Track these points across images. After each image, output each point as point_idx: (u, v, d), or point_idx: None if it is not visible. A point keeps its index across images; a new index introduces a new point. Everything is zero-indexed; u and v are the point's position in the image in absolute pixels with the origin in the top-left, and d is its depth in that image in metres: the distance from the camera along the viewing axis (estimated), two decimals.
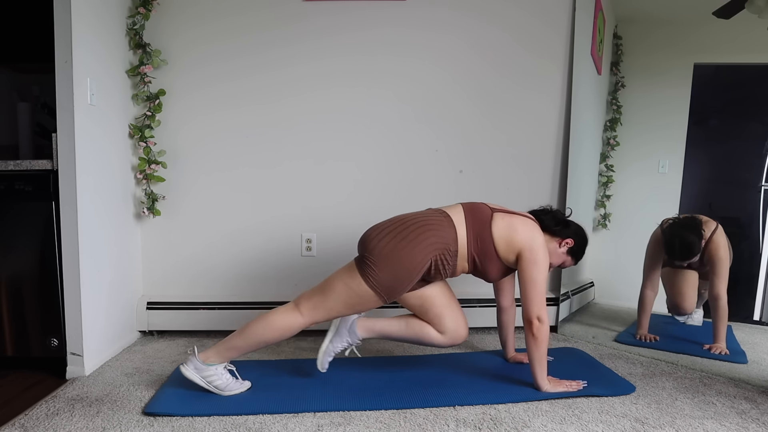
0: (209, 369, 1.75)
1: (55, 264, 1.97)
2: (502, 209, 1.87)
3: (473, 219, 1.82)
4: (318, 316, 1.77)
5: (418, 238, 1.74)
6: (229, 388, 1.78)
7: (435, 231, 1.76)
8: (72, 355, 1.98)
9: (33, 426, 1.57)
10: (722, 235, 2.33)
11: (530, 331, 1.79)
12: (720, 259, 2.30)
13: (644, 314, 2.48)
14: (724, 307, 2.28)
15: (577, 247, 1.96)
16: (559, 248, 1.94)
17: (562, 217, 1.97)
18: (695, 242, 2.32)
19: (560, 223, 1.94)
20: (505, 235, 1.80)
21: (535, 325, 1.78)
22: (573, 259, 1.99)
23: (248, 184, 2.55)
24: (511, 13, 2.56)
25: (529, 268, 1.79)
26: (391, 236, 1.75)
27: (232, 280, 2.58)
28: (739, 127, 2.66)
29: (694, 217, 2.38)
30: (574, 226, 1.97)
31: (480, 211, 1.84)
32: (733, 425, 1.63)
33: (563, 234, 1.93)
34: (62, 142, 1.91)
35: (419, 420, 1.64)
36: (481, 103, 2.60)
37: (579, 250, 1.98)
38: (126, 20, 2.33)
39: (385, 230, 1.78)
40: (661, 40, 2.71)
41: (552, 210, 1.98)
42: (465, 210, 1.84)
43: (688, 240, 2.33)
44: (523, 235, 1.80)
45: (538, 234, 1.83)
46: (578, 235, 1.96)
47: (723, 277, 2.29)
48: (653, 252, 2.49)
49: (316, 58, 2.52)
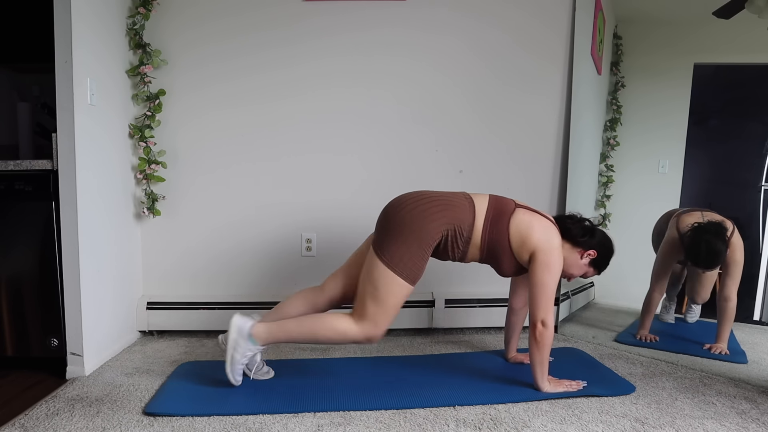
0: (247, 342, 1.75)
1: (55, 264, 1.97)
2: (527, 206, 1.87)
3: (495, 210, 1.81)
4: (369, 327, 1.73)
5: (434, 213, 1.74)
6: (235, 372, 1.77)
7: (452, 210, 1.76)
8: (72, 355, 1.98)
9: (33, 426, 1.57)
10: (738, 238, 2.26)
11: (533, 335, 1.79)
12: (736, 261, 2.25)
13: (648, 315, 2.47)
14: (733, 309, 2.26)
15: (601, 258, 1.92)
16: (581, 259, 1.90)
17: (589, 226, 1.91)
18: (722, 251, 2.21)
19: (586, 233, 1.89)
20: (522, 231, 1.79)
21: (539, 329, 1.78)
22: (596, 270, 1.95)
23: (248, 184, 2.55)
24: (511, 13, 2.56)
25: (540, 271, 1.77)
26: (407, 210, 1.75)
27: (232, 280, 2.58)
28: (739, 127, 2.66)
29: (719, 223, 2.24)
30: (599, 237, 1.92)
31: (504, 204, 1.84)
32: (733, 425, 1.63)
33: (586, 245, 1.89)
34: (62, 142, 1.91)
35: (419, 420, 1.64)
36: (481, 103, 2.60)
37: (603, 261, 1.93)
38: (126, 20, 2.33)
39: (404, 204, 1.78)
40: (661, 40, 2.71)
41: (580, 218, 1.93)
42: (491, 201, 1.84)
43: (716, 248, 2.19)
44: (539, 236, 1.78)
45: (555, 237, 1.81)
46: (603, 245, 1.91)
47: (736, 279, 2.26)
48: (668, 255, 2.39)
49: (316, 58, 2.52)
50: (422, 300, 2.58)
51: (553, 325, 1.79)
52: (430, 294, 2.60)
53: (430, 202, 1.77)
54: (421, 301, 2.58)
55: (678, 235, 2.32)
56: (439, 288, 2.62)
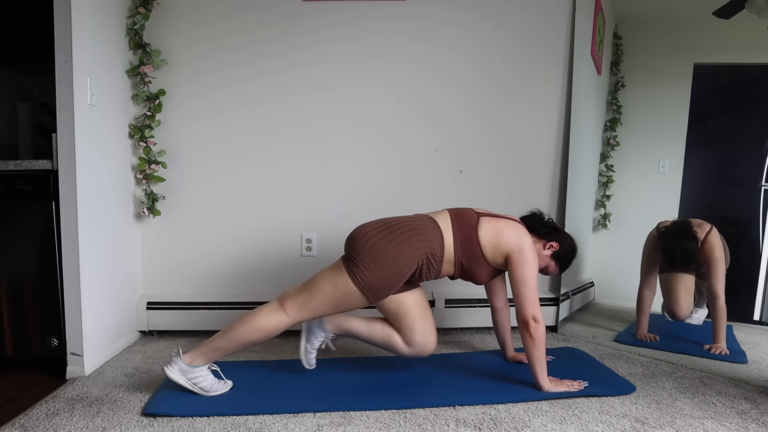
0: (194, 371, 1.75)
1: (55, 264, 1.97)
2: (488, 213, 1.89)
3: (459, 225, 1.83)
4: (303, 316, 1.77)
5: (407, 241, 1.75)
6: (214, 389, 1.78)
7: (423, 236, 1.78)
8: (72, 355, 1.98)
9: (33, 426, 1.57)
10: (717, 236, 2.35)
11: (527, 332, 1.79)
12: (715, 259, 2.31)
13: (643, 314, 2.49)
14: (722, 306, 2.29)
15: (563, 253, 1.96)
16: (544, 250, 1.95)
17: (552, 223, 1.99)
18: (694, 248, 2.35)
19: (546, 225, 1.96)
20: (492, 239, 1.81)
21: (531, 325, 1.78)
22: (557, 266, 1.99)
23: (248, 184, 2.55)
24: (512, 12, 2.56)
25: (519, 270, 1.80)
26: (380, 236, 1.75)
27: (232, 280, 2.58)
28: (739, 127, 2.66)
29: (683, 221, 2.42)
30: (561, 233, 1.99)
31: (466, 217, 1.85)
32: (733, 425, 1.63)
33: (549, 237, 1.95)
34: (62, 142, 1.91)
35: (419, 420, 1.64)
36: (481, 102, 2.60)
37: (565, 256, 1.98)
38: (126, 20, 2.33)
39: (374, 230, 1.78)
40: (661, 40, 2.71)
41: (541, 213, 2.00)
42: (452, 216, 1.86)
43: (688, 248, 2.36)
44: (510, 238, 1.81)
45: (524, 235, 1.84)
46: (564, 241, 1.97)
47: (720, 277, 2.30)
48: (649, 253, 2.50)
49: (317, 59, 2.52)
50: None
51: (543, 319, 1.81)
52: (430, 294, 2.60)
53: (399, 229, 1.77)
54: None
55: (656, 233, 2.47)
56: (439, 288, 2.62)
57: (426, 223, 1.82)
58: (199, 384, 1.76)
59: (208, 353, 1.77)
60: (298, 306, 1.76)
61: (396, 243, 1.74)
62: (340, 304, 1.76)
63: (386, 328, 1.89)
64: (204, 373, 1.76)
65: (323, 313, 1.79)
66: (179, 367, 1.75)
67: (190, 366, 1.75)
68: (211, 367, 1.80)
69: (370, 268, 1.72)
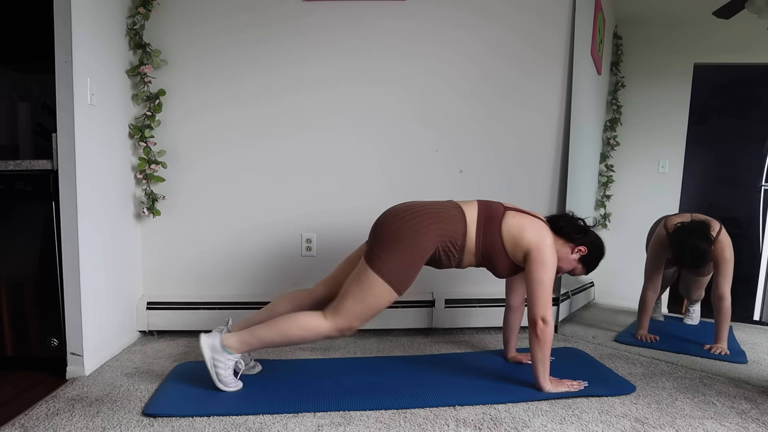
0: (224, 354, 1.76)
1: (55, 264, 1.97)
2: (515, 208, 1.89)
3: (485, 216, 1.83)
4: (341, 321, 1.75)
5: (424, 224, 1.75)
6: (226, 383, 1.78)
7: (443, 221, 1.78)
8: (72, 355, 1.98)
9: (33, 426, 1.57)
10: (726, 236, 2.29)
11: (534, 332, 1.79)
12: (725, 259, 2.27)
13: (645, 315, 2.48)
14: (727, 307, 2.27)
15: (591, 257, 1.93)
16: (571, 254, 1.91)
17: (582, 225, 1.94)
18: (707, 251, 2.25)
19: (579, 231, 1.91)
20: (514, 233, 1.81)
21: (540, 326, 1.78)
22: (584, 268, 1.97)
23: (248, 184, 2.55)
24: (512, 12, 2.56)
25: (536, 269, 1.79)
26: (399, 222, 1.77)
27: (232, 280, 2.58)
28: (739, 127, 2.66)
29: (703, 222, 2.29)
30: (592, 236, 1.94)
31: (493, 209, 1.86)
32: (733, 425, 1.63)
33: (578, 241, 1.91)
34: (62, 142, 1.91)
35: (419, 420, 1.63)
36: (481, 102, 2.60)
37: (592, 259, 1.95)
38: (126, 20, 2.33)
39: (394, 217, 1.79)
40: (661, 40, 2.71)
41: (573, 216, 1.96)
42: (480, 207, 1.85)
43: (701, 249, 2.24)
44: (532, 235, 1.80)
45: (546, 235, 1.83)
46: (594, 244, 1.93)
47: (728, 278, 2.27)
48: (656, 253, 2.44)
49: (317, 58, 2.52)
50: (422, 300, 2.58)
51: (553, 321, 1.80)
52: (430, 294, 2.60)
53: (420, 214, 1.78)
54: (421, 301, 2.58)
55: (665, 233, 2.37)
56: (439, 288, 2.62)
57: (451, 210, 1.82)
58: (218, 369, 1.76)
59: (247, 339, 1.77)
60: (334, 310, 1.77)
61: (412, 225, 1.75)
62: (370, 301, 1.74)
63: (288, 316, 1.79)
64: (230, 363, 1.77)
65: (359, 314, 1.75)
66: (214, 342, 1.75)
67: (224, 348, 1.75)
68: (238, 361, 1.80)
69: (387, 254, 1.72)
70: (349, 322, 1.76)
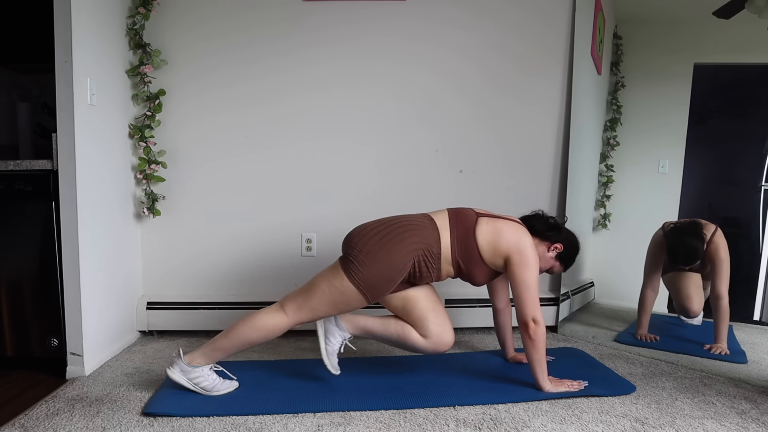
0: (195, 371, 1.75)
1: (55, 264, 1.97)
2: (487, 214, 1.88)
3: (458, 224, 1.82)
4: (302, 317, 1.77)
5: (401, 236, 1.75)
6: (216, 389, 1.78)
7: (418, 232, 1.78)
8: (72, 355, 1.98)
9: (33, 426, 1.57)
10: (721, 237, 2.35)
11: (527, 334, 1.79)
12: (721, 260, 2.32)
13: (644, 314, 2.49)
14: (725, 307, 2.29)
15: (567, 253, 1.96)
16: (548, 252, 1.93)
17: (554, 223, 1.96)
18: (698, 247, 2.35)
19: (552, 228, 1.94)
20: (490, 240, 1.80)
21: (531, 327, 1.77)
22: (562, 265, 1.99)
23: (248, 184, 2.55)
24: (512, 12, 2.56)
25: (519, 271, 1.78)
26: (374, 233, 1.76)
27: (232, 280, 2.58)
28: (739, 127, 2.66)
29: (694, 221, 2.41)
30: (565, 232, 1.97)
31: (465, 216, 1.85)
32: (733, 425, 1.63)
33: (553, 238, 1.93)
34: (62, 142, 1.91)
35: (419, 420, 1.63)
36: (481, 102, 2.60)
37: (569, 255, 1.97)
38: (126, 20, 2.33)
39: (369, 229, 1.79)
40: (661, 40, 2.71)
41: (543, 215, 1.97)
42: (450, 215, 1.85)
43: (692, 245, 2.36)
44: (509, 239, 1.79)
45: (525, 236, 1.82)
46: (569, 240, 1.96)
47: (724, 278, 2.31)
48: (654, 254, 2.50)
49: (317, 58, 2.52)
50: None
51: (543, 321, 1.79)
52: None
53: (394, 226, 1.78)
54: None
55: (662, 233, 2.47)
56: (439, 288, 2.61)
57: (422, 221, 1.82)
58: (200, 384, 1.76)
59: (210, 353, 1.77)
60: (297, 306, 1.76)
61: (389, 239, 1.74)
62: (338, 303, 1.76)
63: (400, 323, 1.86)
64: (205, 373, 1.76)
65: (322, 313, 1.78)
66: (180, 368, 1.75)
67: (190, 366, 1.75)
68: (214, 368, 1.80)
69: (364, 265, 1.72)
70: (311, 317, 1.78)
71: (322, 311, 1.78)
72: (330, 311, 1.78)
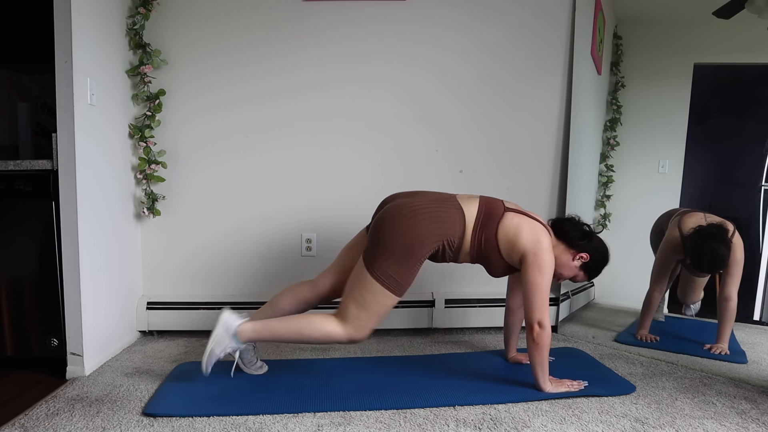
0: (230, 339, 1.78)
1: (55, 264, 1.97)
2: (516, 209, 1.85)
3: (485, 215, 1.81)
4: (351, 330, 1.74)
5: (424, 230, 1.74)
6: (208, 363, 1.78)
7: (442, 224, 1.76)
8: (72, 355, 1.98)
9: (33, 426, 1.57)
10: (739, 238, 2.26)
11: (531, 336, 1.78)
12: (736, 261, 2.24)
13: (648, 315, 2.47)
14: (733, 308, 2.26)
15: (593, 263, 1.90)
16: (573, 261, 1.89)
17: (587, 230, 1.90)
18: (726, 256, 2.19)
19: (584, 236, 1.88)
20: (510, 235, 1.79)
21: (536, 330, 1.77)
22: (586, 275, 1.93)
23: (248, 184, 2.55)
24: (511, 13, 2.56)
25: (531, 272, 1.76)
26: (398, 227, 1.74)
27: (232, 280, 2.58)
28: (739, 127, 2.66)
29: (721, 225, 2.23)
30: (595, 242, 1.90)
31: (494, 208, 1.83)
32: (733, 425, 1.63)
33: (581, 248, 1.88)
34: (62, 142, 1.91)
35: (419, 420, 1.64)
36: (481, 102, 2.60)
37: (595, 266, 1.91)
38: (126, 20, 2.33)
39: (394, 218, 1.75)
40: (661, 40, 2.71)
41: (579, 221, 1.92)
42: (480, 206, 1.82)
43: (720, 254, 2.18)
44: (527, 238, 1.77)
45: (544, 238, 1.79)
46: (597, 251, 1.89)
47: (736, 279, 2.25)
48: (667, 255, 2.38)
49: (317, 58, 2.52)
50: (422, 300, 2.58)
51: (549, 325, 1.78)
52: (430, 294, 2.60)
53: (420, 216, 1.75)
54: (421, 301, 2.58)
55: (680, 236, 2.32)
56: (439, 288, 2.62)
57: (451, 211, 1.78)
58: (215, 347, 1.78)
59: (260, 329, 1.79)
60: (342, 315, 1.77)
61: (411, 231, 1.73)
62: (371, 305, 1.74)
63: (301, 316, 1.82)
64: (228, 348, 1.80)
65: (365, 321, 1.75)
66: (229, 323, 1.78)
67: (234, 334, 1.78)
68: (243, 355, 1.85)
69: (384, 259, 1.72)
70: (359, 329, 1.75)
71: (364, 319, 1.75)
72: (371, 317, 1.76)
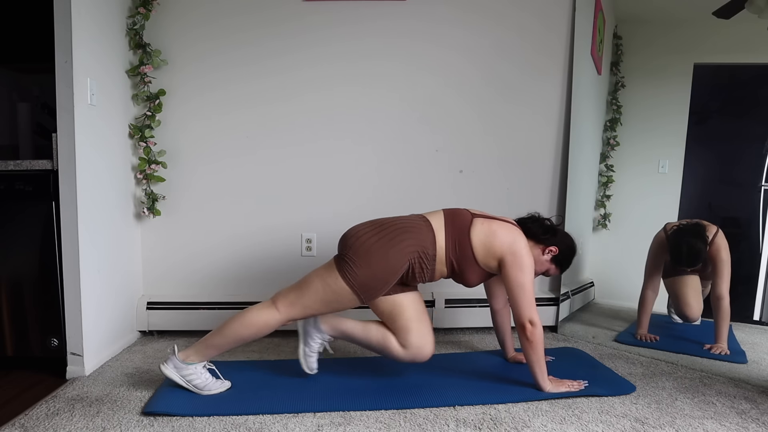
0: (189, 368, 1.76)
1: (55, 264, 1.97)
2: (483, 215, 1.87)
3: (453, 225, 1.82)
4: (294, 313, 1.77)
5: (397, 238, 1.75)
6: (208, 388, 1.78)
7: (413, 234, 1.77)
8: (72, 355, 1.98)
9: (33, 426, 1.57)
10: (723, 238, 2.35)
11: (524, 336, 1.78)
12: (722, 261, 2.33)
13: (644, 314, 2.49)
14: (726, 307, 2.29)
15: (562, 256, 1.94)
16: (543, 255, 1.92)
17: (550, 225, 1.95)
18: (702, 249, 2.35)
19: (547, 231, 1.92)
20: (485, 241, 1.79)
21: (528, 329, 1.77)
22: (558, 268, 1.97)
23: (249, 184, 2.55)
24: (512, 13, 2.56)
25: (514, 273, 1.77)
26: (370, 235, 1.76)
27: (232, 280, 2.58)
28: (739, 127, 2.66)
29: (697, 223, 2.41)
30: (561, 235, 1.95)
31: (460, 217, 1.84)
32: (733, 425, 1.63)
33: (548, 242, 1.91)
34: (62, 142, 1.91)
35: (419, 420, 1.64)
36: (481, 103, 2.60)
37: (564, 258, 1.95)
38: (126, 20, 2.33)
39: (365, 230, 1.78)
40: (661, 40, 2.71)
41: (539, 217, 1.96)
42: (446, 216, 1.84)
43: (696, 247, 2.36)
44: (503, 240, 1.78)
45: (519, 238, 1.81)
46: (564, 243, 1.94)
47: (725, 279, 2.31)
48: (656, 254, 2.50)
49: (317, 59, 2.52)
50: None
51: (540, 322, 1.79)
52: (430, 294, 2.60)
53: (389, 229, 1.77)
54: None
55: (665, 235, 2.47)
56: (439, 288, 2.62)
57: (418, 222, 1.81)
58: (192, 381, 1.76)
59: (203, 350, 1.77)
60: (289, 303, 1.77)
61: (386, 241, 1.74)
62: (331, 302, 1.76)
63: (381, 329, 1.85)
64: (198, 370, 1.77)
65: (314, 311, 1.78)
66: (174, 364, 1.76)
67: (184, 363, 1.76)
68: (207, 366, 1.80)
69: (360, 266, 1.72)
70: (303, 315, 1.78)
71: (314, 309, 1.77)
72: (322, 309, 1.78)
